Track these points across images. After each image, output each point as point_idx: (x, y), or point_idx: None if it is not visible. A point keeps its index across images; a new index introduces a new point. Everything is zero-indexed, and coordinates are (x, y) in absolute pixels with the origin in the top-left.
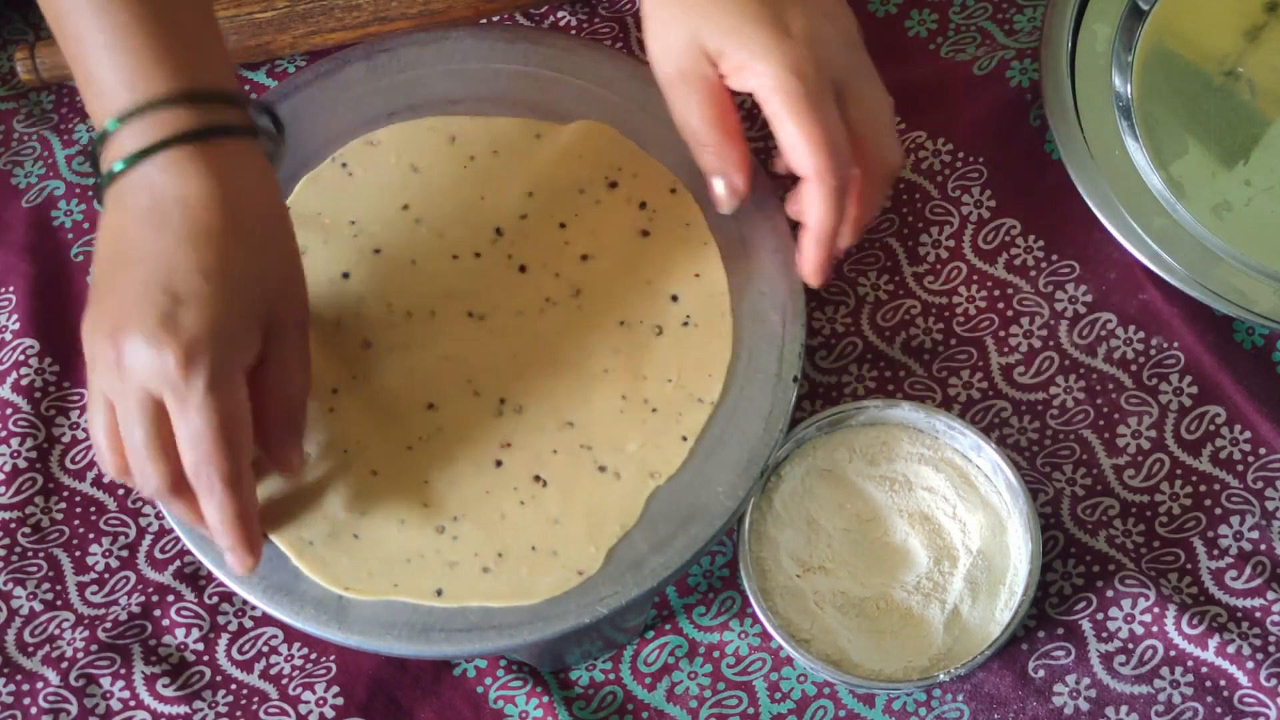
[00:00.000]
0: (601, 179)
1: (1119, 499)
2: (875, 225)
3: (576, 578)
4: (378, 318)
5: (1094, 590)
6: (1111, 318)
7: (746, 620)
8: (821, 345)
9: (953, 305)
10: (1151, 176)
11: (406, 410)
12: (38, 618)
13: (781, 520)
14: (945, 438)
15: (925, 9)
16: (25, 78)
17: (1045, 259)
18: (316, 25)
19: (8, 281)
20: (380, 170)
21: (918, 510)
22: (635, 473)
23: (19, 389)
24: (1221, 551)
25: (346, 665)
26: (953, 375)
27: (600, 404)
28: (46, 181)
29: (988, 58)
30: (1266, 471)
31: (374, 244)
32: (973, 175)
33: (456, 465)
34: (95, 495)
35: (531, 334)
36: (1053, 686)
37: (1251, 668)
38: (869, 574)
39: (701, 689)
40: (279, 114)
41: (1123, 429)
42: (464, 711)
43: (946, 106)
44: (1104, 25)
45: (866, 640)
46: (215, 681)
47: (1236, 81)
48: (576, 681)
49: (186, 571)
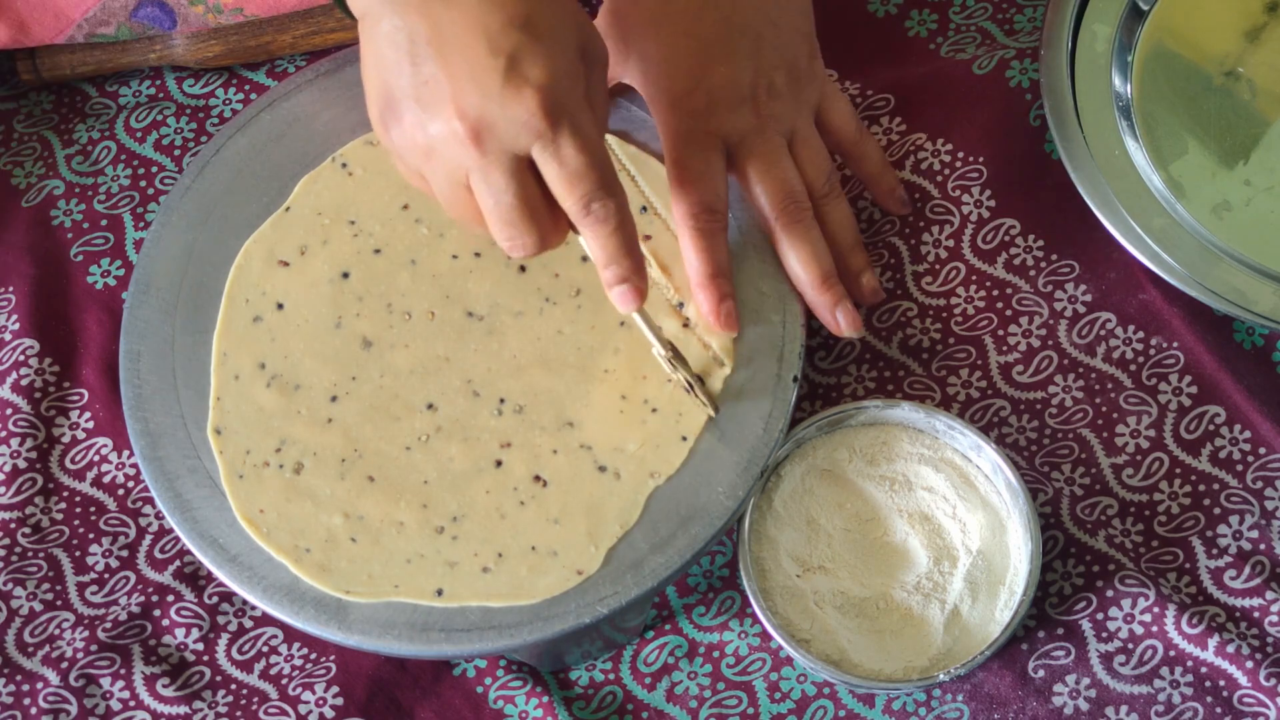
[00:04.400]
0: None
1: (1118, 498)
2: (877, 225)
3: (576, 578)
4: (378, 318)
5: (1094, 590)
6: (1111, 317)
7: (746, 620)
8: (821, 345)
9: (950, 306)
10: (1151, 176)
11: (406, 410)
12: (38, 618)
13: (781, 520)
14: (945, 438)
15: (925, 9)
16: (25, 78)
17: (1045, 259)
18: (316, 25)
19: (8, 281)
20: (380, 170)
21: (918, 510)
22: (635, 473)
23: (19, 389)
24: (1221, 551)
25: (346, 665)
26: (952, 374)
27: (600, 404)
28: (46, 181)
29: (988, 58)
30: (1266, 471)
31: (374, 244)
32: (973, 175)
33: (456, 465)
34: (95, 495)
35: (531, 334)
36: (1053, 686)
37: (1251, 667)
38: (869, 574)
39: (701, 689)
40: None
41: (1122, 428)
42: (464, 711)
43: (946, 106)
44: (1104, 25)
45: (866, 640)
46: (215, 681)
47: (1236, 81)
48: (576, 681)
49: (186, 571)
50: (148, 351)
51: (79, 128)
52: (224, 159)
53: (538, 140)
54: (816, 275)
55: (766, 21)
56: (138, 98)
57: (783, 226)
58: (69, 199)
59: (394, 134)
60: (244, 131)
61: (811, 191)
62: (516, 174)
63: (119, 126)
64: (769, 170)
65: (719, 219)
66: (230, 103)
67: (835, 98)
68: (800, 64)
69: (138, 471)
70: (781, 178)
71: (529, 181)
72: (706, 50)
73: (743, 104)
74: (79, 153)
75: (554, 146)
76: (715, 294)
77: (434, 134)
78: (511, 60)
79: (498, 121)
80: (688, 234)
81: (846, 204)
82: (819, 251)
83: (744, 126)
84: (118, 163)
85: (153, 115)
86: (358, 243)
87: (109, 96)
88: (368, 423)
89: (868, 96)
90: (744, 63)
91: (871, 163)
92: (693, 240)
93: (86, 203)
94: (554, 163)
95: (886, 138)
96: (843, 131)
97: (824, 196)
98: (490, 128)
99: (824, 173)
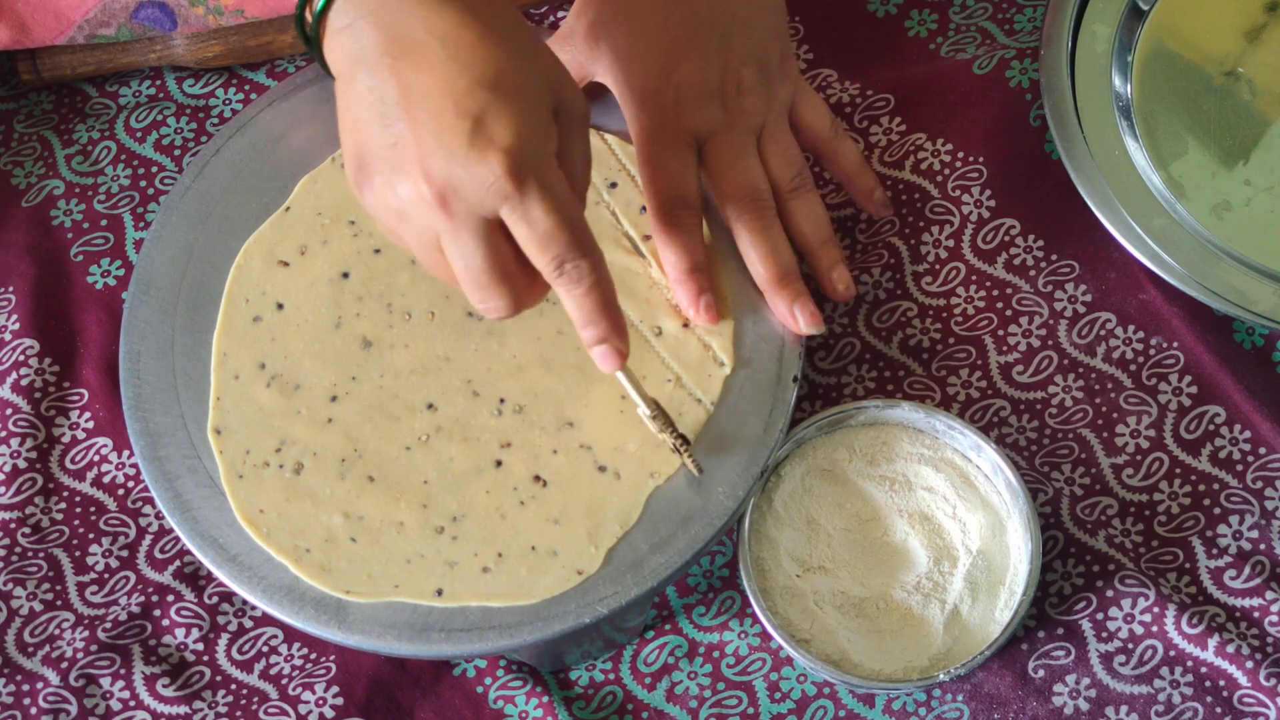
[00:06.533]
0: (602, 180)
1: (1118, 498)
2: (877, 225)
3: (576, 578)
4: (378, 318)
5: (1094, 590)
6: (1111, 317)
7: (746, 620)
8: (821, 345)
9: (950, 306)
10: (1151, 176)
11: (406, 410)
12: (38, 618)
13: (781, 520)
14: (945, 437)
15: (925, 9)
16: (25, 78)
17: (1045, 259)
18: None
19: (8, 281)
20: None
21: (918, 510)
22: (635, 473)
23: (19, 389)
24: (1220, 551)
25: (346, 665)
26: (952, 374)
27: (600, 404)
28: (46, 181)
29: (988, 58)
30: (1266, 471)
31: (374, 244)
32: (973, 175)
33: (456, 465)
34: (95, 495)
35: (531, 334)
36: (1053, 686)
37: (1251, 667)
38: (869, 574)
39: (701, 689)
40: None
41: (1121, 428)
42: (464, 711)
43: (946, 106)
44: (1104, 25)
45: (866, 640)
46: (215, 681)
47: (1236, 81)
48: (576, 681)
49: (186, 571)
50: (148, 351)
51: (79, 128)
52: (224, 159)
53: (505, 202)
54: (774, 272)
55: (736, 19)
56: (138, 98)
57: (743, 223)
58: (69, 199)
59: (367, 195)
60: (244, 131)
61: (778, 188)
62: (486, 236)
63: (119, 126)
64: (732, 166)
65: (692, 214)
66: (230, 103)
67: (809, 96)
68: (771, 61)
69: (138, 471)
70: (744, 174)
71: (500, 243)
72: (675, 47)
73: (711, 100)
74: (79, 153)
75: (522, 208)
76: (694, 288)
77: (403, 196)
78: (477, 122)
79: (464, 184)
80: (662, 231)
81: (817, 200)
82: (778, 248)
83: (712, 123)
84: (118, 163)
85: (153, 115)
86: (358, 243)
87: (109, 96)
88: (368, 423)
89: (868, 96)
90: (713, 59)
91: (847, 162)
92: (667, 236)
93: (86, 203)
94: (523, 224)
95: (886, 138)
96: (815, 129)
97: (791, 192)
98: (456, 191)
99: (792, 169)
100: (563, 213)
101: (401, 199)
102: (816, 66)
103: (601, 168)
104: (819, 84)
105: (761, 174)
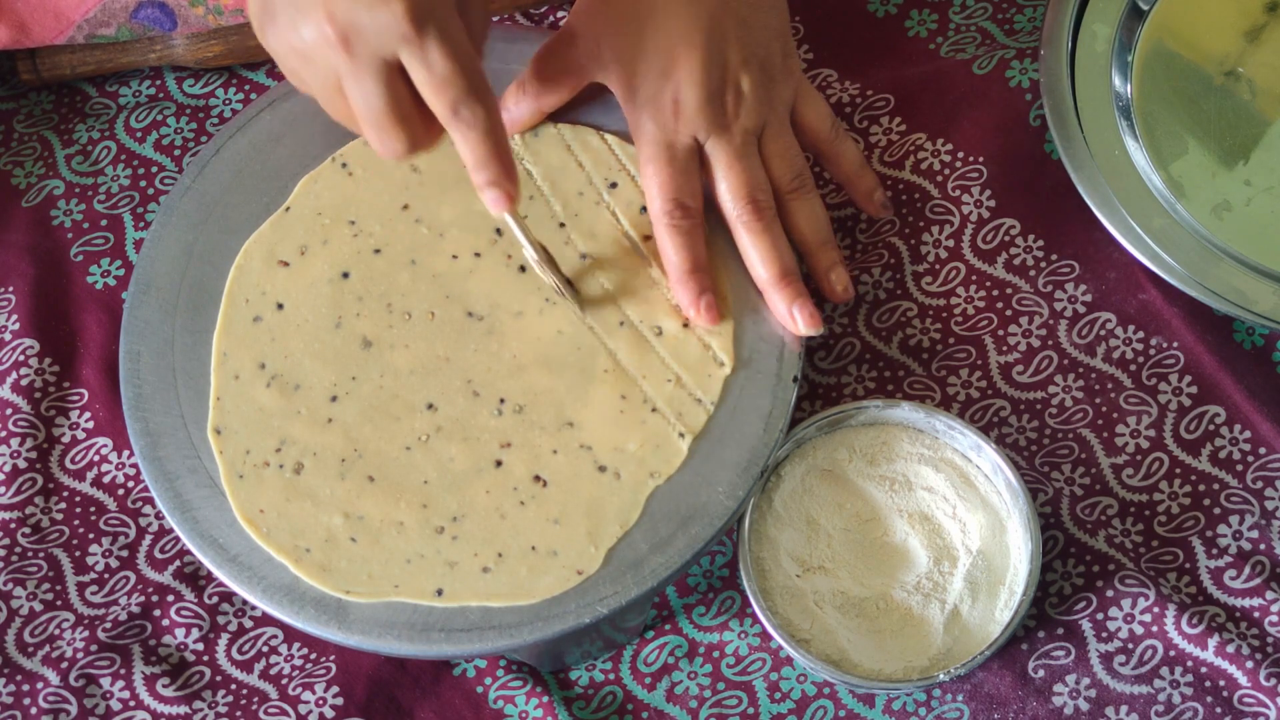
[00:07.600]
0: (602, 180)
1: (1118, 498)
2: (877, 225)
3: (576, 578)
4: (378, 318)
5: (1094, 590)
6: (1111, 317)
7: (746, 620)
8: (821, 345)
9: (950, 306)
10: (1151, 176)
11: (406, 410)
12: (38, 618)
13: (781, 520)
14: (945, 437)
15: (925, 9)
16: (25, 77)
17: (1045, 259)
18: None
19: (8, 281)
20: (380, 170)
21: (918, 510)
22: (635, 473)
23: (19, 389)
24: (1220, 551)
25: (346, 665)
26: (952, 374)
27: (600, 404)
28: (46, 181)
29: (988, 58)
30: (1266, 471)
31: (374, 244)
32: (973, 175)
33: (456, 465)
34: (95, 495)
35: (531, 334)
36: (1053, 686)
37: (1251, 667)
38: (869, 574)
39: (701, 689)
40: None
41: (1122, 428)
42: (464, 711)
43: (946, 106)
44: (1104, 25)
45: (866, 640)
46: (215, 681)
47: (1236, 81)
48: (576, 681)
49: (186, 571)
50: (148, 351)
51: (79, 128)
52: (224, 159)
53: (405, 45)
54: (774, 272)
55: (736, 20)
56: (138, 98)
57: (743, 224)
58: (69, 199)
59: (270, 35)
60: (244, 131)
61: (778, 188)
62: (385, 79)
63: (119, 126)
64: (732, 167)
65: (693, 215)
66: (230, 103)
67: (811, 97)
68: (773, 62)
69: (138, 471)
70: (744, 175)
71: (399, 86)
72: (676, 47)
73: (712, 101)
74: (79, 153)
75: (421, 52)
76: (694, 289)
77: (306, 38)
78: None
79: (366, 26)
80: (663, 231)
81: (818, 201)
82: (779, 249)
83: (713, 123)
84: (118, 163)
85: (153, 115)
86: (358, 243)
87: (109, 96)
88: (368, 423)
89: (868, 96)
90: (714, 60)
91: (848, 163)
92: (668, 237)
93: (86, 203)
94: (421, 68)
95: (886, 138)
96: (816, 130)
97: (792, 193)
98: (359, 32)
99: (792, 170)
100: (460, 59)
101: (305, 40)
102: (816, 66)
103: (602, 168)
104: (819, 84)
105: (762, 175)
